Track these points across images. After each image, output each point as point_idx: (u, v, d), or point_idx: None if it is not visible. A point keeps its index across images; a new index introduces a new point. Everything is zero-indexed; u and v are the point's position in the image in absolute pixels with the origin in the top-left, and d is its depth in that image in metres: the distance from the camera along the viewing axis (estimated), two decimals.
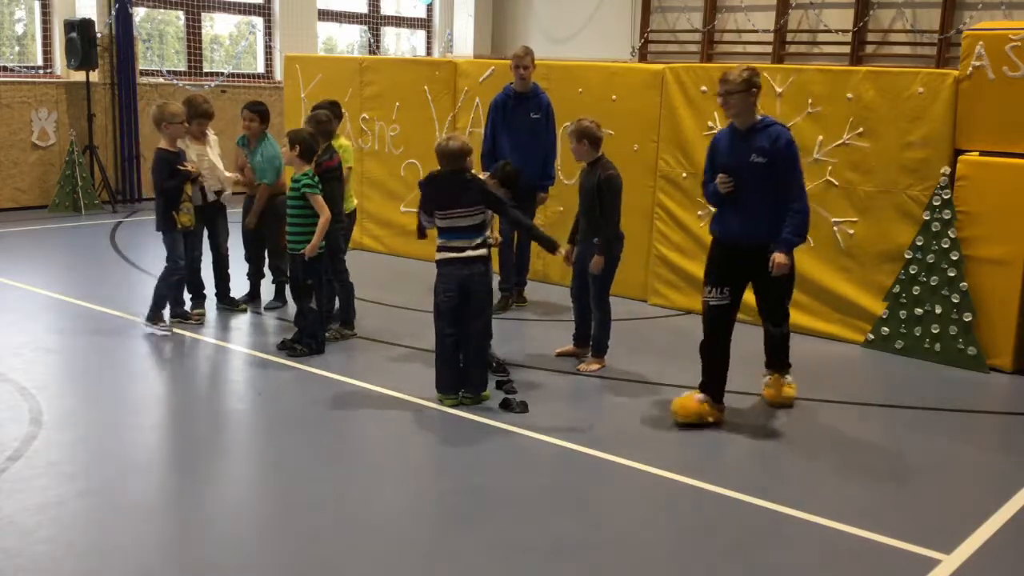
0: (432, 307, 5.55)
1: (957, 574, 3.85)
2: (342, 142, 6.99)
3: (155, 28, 13.54)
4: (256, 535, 4.01)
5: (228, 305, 7.29)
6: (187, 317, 6.90)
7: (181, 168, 6.53)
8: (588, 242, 6.15)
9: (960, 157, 6.54)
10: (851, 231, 6.98)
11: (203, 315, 7.07)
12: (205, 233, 7.09)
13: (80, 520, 4.05)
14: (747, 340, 7.17)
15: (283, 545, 3.90)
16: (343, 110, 7.38)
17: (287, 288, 7.10)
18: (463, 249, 5.40)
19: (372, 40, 15.60)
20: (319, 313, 6.35)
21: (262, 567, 3.74)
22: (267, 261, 7.54)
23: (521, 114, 7.40)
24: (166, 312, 6.79)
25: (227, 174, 7.10)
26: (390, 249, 9.71)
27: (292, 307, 6.60)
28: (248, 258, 7.52)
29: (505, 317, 7.32)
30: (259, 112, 7.19)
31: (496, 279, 6.91)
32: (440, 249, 5.47)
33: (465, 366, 5.55)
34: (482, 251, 5.46)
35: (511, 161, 6.81)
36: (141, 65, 12.60)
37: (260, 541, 3.96)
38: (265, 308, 7.42)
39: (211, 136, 7.14)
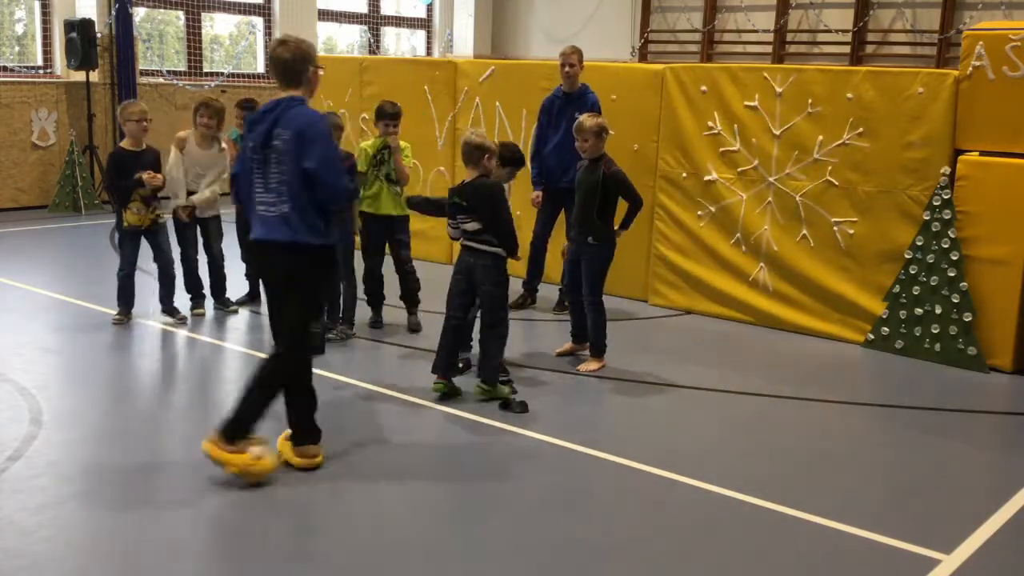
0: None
1: (957, 574, 3.85)
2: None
3: (155, 28, 13.54)
4: (255, 535, 4.00)
5: (222, 306, 7.28)
6: (127, 315, 6.83)
7: (138, 176, 6.52)
8: (583, 240, 6.14)
9: (960, 157, 6.54)
10: (851, 231, 6.98)
11: (203, 315, 7.08)
12: (198, 232, 7.08)
13: (80, 520, 4.05)
14: (753, 338, 7.19)
15: (283, 545, 3.90)
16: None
17: None
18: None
19: (372, 40, 15.61)
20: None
21: (262, 566, 3.74)
22: None
23: (567, 115, 7.23)
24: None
25: (196, 197, 6.92)
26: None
27: None
28: (245, 259, 7.52)
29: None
30: (251, 108, 7.24)
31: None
32: None
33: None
34: (487, 247, 5.44)
35: (550, 161, 6.97)
36: (141, 65, 12.60)
37: (259, 541, 3.95)
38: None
39: (227, 153, 7.01)
